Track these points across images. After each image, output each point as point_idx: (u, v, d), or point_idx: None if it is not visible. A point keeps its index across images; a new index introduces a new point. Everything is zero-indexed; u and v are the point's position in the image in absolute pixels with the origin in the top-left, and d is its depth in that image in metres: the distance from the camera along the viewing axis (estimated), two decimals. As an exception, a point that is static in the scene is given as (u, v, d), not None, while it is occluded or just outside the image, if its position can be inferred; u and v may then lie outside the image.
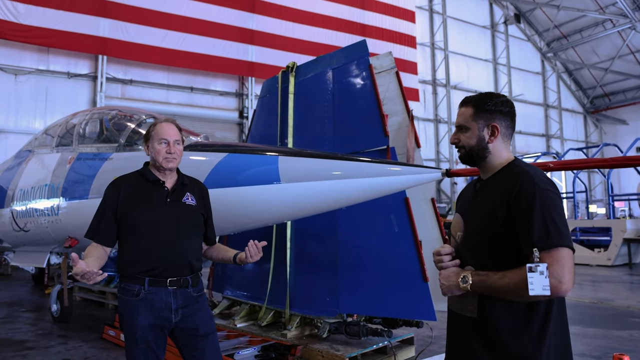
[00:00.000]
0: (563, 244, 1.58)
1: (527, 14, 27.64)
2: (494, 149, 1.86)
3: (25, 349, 5.15)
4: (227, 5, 16.49)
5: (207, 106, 16.60)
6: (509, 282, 1.60)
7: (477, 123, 1.86)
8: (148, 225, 2.44)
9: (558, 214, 1.63)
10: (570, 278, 1.57)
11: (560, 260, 1.56)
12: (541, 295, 1.52)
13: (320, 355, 4.09)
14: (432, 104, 23.23)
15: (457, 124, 1.93)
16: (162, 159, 2.51)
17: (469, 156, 1.91)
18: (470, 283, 1.70)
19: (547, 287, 1.52)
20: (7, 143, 13.09)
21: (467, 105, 1.90)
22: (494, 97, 1.89)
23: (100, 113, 5.30)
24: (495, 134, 1.85)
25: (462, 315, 1.82)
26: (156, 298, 2.41)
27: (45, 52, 14.03)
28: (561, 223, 1.62)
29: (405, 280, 3.93)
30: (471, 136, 1.87)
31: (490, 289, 1.66)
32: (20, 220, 5.62)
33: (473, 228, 1.83)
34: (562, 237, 1.59)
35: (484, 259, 1.74)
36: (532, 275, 1.52)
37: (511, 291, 1.61)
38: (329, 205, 3.34)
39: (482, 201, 1.82)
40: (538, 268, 1.53)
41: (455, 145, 1.93)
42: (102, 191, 4.18)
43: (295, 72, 4.90)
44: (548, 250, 1.57)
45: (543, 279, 1.52)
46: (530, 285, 1.52)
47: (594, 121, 30.81)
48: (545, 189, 1.66)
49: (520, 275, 1.57)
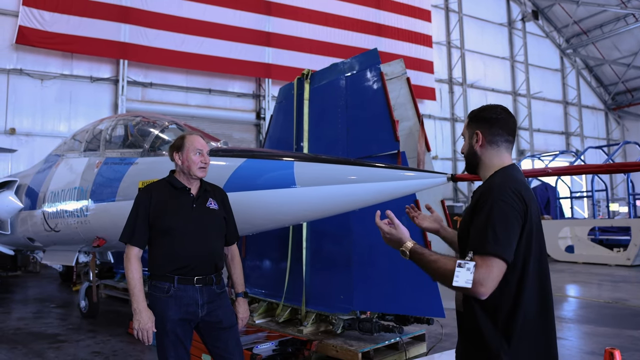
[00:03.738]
0: (495, 253, 1.69)
1: (545, 10, 27.28)
2: (483, 156, 1.98)
3: (58, 342, 5.48)
4: (243, 8, 16.74)
5: (224, 108, 16.87)
6: (440, 267, 1.75)
7: (468, 131, 2.03)
8: (178, 228, 2.68)
9: (502, 225, 1.72)
10: (492, 285, 1.68)
11: (488, 267, 1.68)
12: (462, 287, 1.67)
13: (335, 350, 4.28)
14: (449, 102, 23.15)
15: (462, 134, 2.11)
16: (197, 168, 2.77)
17: (467, 164, 2.07)
18: (407, 254, 1.90)
19: (470, 282, 1.65)
20: (34, 145, 13.55)
21: (467, 118, 2.09)
22: (485, 107, 2.03)
23: (126, 119, 5.56)
24: (479, 140, 1.97)
25: (458, 311, 1.99)
26: (184, 295, 2.66)
27: (69, 57, 14.47)
28: (502, 233, 1.71)
29: (416, 279, 4.09)
30: (465, 144, 2.05)
31: (423, 267, 1.83)
32: (51, 220, 5.92)
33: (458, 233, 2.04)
34: (497, 246, 1.69)
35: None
36: (459, 270, 1.68)
37: (439, 276, 1.76)
38: (340, 208, 3.53)
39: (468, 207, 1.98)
40: (466, 265, 1.68)
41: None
42: (128, 194, 4.49)
43: (310, 79, 5.10)
44: (481, 255, 1.70)
45: (468, 274, 1.66)
46: (456, 277, 1.67)
47: (615, 118, 30.26)
48: (500, 199, 1.76)
49: (451, 265, 1.71)
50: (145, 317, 2.58)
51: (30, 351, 5.15)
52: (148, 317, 2.59)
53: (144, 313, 2.58)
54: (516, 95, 25.44)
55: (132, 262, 2.66)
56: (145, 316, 2.58)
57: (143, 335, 2.57)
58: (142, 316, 2.57)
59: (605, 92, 29.96)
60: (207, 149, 2.85)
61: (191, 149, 2.77)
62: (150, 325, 2.57)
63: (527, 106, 25.33)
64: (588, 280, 10.79)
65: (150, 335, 2.58)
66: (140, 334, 2.57)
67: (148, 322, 2.57)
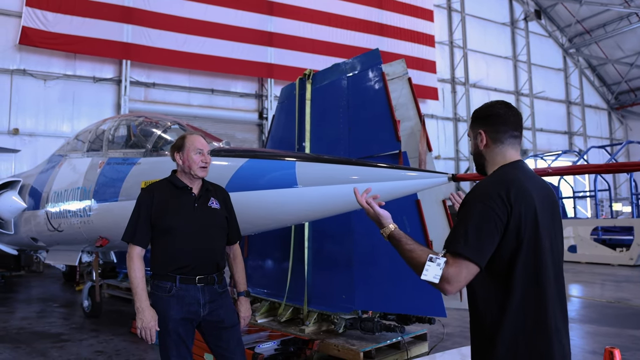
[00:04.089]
0: (464, 255, 1.67)
1: (548, 10, 27.23)
2: (487, 155, 1.94)
3: (62, 341, 5.51)
4: (245, 8, 16.77)
5: (227, 108, 16.91)
6: (413, 257, 1.75)
7: (472, 131, 1.99)
8: (179, 228, 2.70)
9: (474, 227, 1.69)
10: (458, 286, 1.68)
11: (457, 267, 1.67)
12: (430, 281, 1.67)
13: (337, 349, 4.29)
14: (451, 102, 23.15)
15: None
16: (198, 167, 2.78)
17: (475, 165, 2.03)
18: (386, 234, 1.88)
19: (438, 277, 1.66)
20: (37, 145, 13.62)
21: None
22: (486, 104, 1.99)
23: (128, 119, 5.58)
24: (483, 140, 1.92)
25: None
26: (186, 294, 2.68)
27: (72, 58, 14.53)
28: (472, 236, 1.68)
29: (417, 279, 4.07)
30: (471, 145, 2.01)
31: (400, 254, 1.82)
32: (54, 220, 5.95)
33: None
34: (467, 247, 1.67)
35: None
36: (429, 264, 1.68)
37: (412, 265, 1.76)
38: (342, 208, 3.54)
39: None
40: (437, 260, 1.68)
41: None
42: (131, 194, 4.51)
43: (311, 79, 5.11)
44: (453, 254, 1.69)
45: (438, 269, 1.67)
46: (425, 271, 1.68)
47: (619, 117, 30.18)
48: (476, 200, 1.74)
49: (424, 258, 1.71)
50: (148, 315, 2.60)
51: (34, 350, 5.18)
52: (151, 315, 2.61)
53: (147, 312, 2.60)
54: (519, 95, 25.39)
55: (135, 262, 2.68)
56: (148, 315, 2.60)
57: (146, 333, 2.59)
58: (145, 315, 2.59)
59: (608, 92, 29.88)
60: (208, 149, 2.86)
61: (192, 149, 2.79)
62: (153, 324, 2.59)
63: (530, 106, 25.28)
64: (591, 280, 10.77)
65: (153, 333, 2.60)
66: (144, 332, 2.59)
67: (151, 321, 2.59)
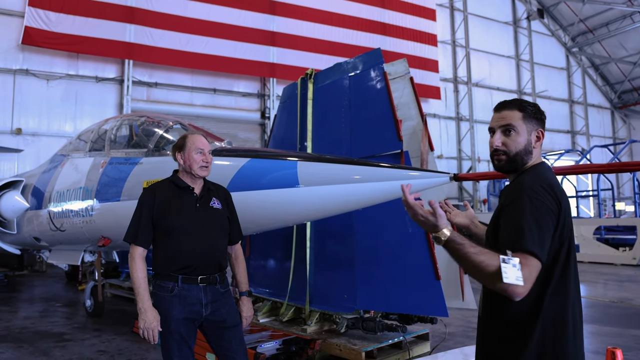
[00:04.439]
0: (532, 251, 1.59)
1: (550, 9, 27.15)
2: (535, 155, 1.86)
3: (64, 341, 5.52)
4: (248, 8, 16.78)
5: (229, 107, 16.92)
6: (483, 261, 1.58)
7: (526, 127, 1.83)
8: (181, 228, 2.70)
9: (536, 223, 1.62)
10: (529, 286, 1.57)
11: (528, 266, 1.57)
12: (514, 284, 1.52)
13: (338, 349, 4.29)
14: (454, 101, 23.09)
15: (503, 125, 1.85)
16: (199, 167, 2.78)
17: (511, 162, 1.84)
18: (443, 240, 1.65)
19: (521, 279, 1.52)
20: (40, 145, 13.64)
21: (512, 109, 1.86)
22: (532, 104, 1.92)
23: (130, 119, 5.59)
24: (540, 139, 1.86)
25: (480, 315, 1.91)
26: (188, 294, 2.68)
27: (75, 57, 14.55)
28: (535, 230, 1.61)
29: (419, 278, 4.10)
30: (521, 140, 1.82)
31: (460, 257, 1.63)
32: (57, 220, 5.97)
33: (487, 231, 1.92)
34: (534, 243, 1.59)
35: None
36: (506, 266, 1.53)
37: (480, 269, 1.59)
38: (343, 208, 3.54)
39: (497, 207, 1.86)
40: (510, 261, 1.55)
41: (496, 151, 1.85)
42: (133, 194, 4.52)
43: (313, 79, 5.10)
44: (519, 252, 1.58)
45: (516, 271, 1.53)
46: (505, 274, 1.52)
47: (622, 116, 30.10)
48: (529, 196, 1.67)
49: (496, 260, 1.56)
50: (151, 316, 2.60)
51: (36, 350, 5.19)
52: (153, 316, 2.61)
53: (149, 312, 2.60)
54: (521, 94, 25.33)
55: (137, 262, 2.68)
56: (150, 315, 2.60)
57: (149, 334, 2.59)
58: (147, 315, 2.59)
59: (612, 91, 29.80)
60: (209, 148, 2.86)
61: (193, 149, 2.78)
62: (155, 324, 2.59)
63: (533, 105, 25.21)
64: (594, 279, 10.74)
65: (155, 334, 2.60)
66: (146, 333, 2.59)
67: (153, 322, 2.59)
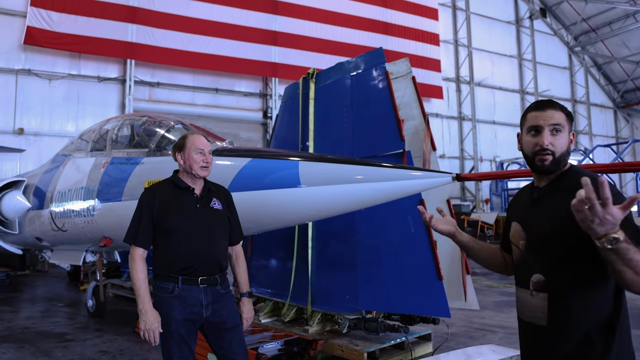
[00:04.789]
0: None
1: (553, 8, 27.09)
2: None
3: (66, 341, 5.51)
4: (250, 8, 16.78)
5: (231, 107, 16.93)
6: None
7: (568, 127, 1.76)
8: (182, 229, 2.68)
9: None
10: None
11: None
12: None
13: (340, 349, 4.27)
14: (456, 101, 23.07)
15: (553, 124, 1.73)
16: (199, 167, 2.75)
17: (556, 163, 1.74)
18: (622, 239, 1.41)
19: None
20: (42, 145, 13.66)
21: (556, 109, 1.76)
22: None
23: (132, 119, 5.57)
24: (572, 141, 1.81)
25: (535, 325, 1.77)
26: (189, 295, 2.65)
27: (77, 57, 14.57)
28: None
29: (421, 279, 4.08)
30: (565, 141, 1.75)
31: (630, 260, 1.45)
32: (58, 220, 5.96)
33: (542, 235, 1.74)
34: None
35: (553, 265, 1.70)
36: None
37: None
38: (346, 208, 3.52)
39: (552, 208, 1.72)
40: None
41: (543, 150, 1.73)
42: (134, 194, 4.50)
43: (315, 78, 5.09)
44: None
45: None
46: None
47: (624, 116, 30.02)
48: (619, 194, 1.62)
49: None
50: (151, 317, 2.58)
51: (38, 350, 5.19)
52: (154, 317, 2.59)
53: (150, 313, 2.59)
54: (524, 94, 25.28)
55: (137, 263, 2.66)
56: (151, 317, 2.58)
57: (149, 335, 2.58)
58: (148, 317, 2.58)
59: (614, 90, 29.72)
60: (209, 148, 2.83)
61: (192, 149, 2.76)
62: (156, 325, 2.58)
63: (535, 104, 25.15)
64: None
65: (156, 335, 2.59)
66: (147, 334, 2.58)
67: (154, 323, 2.58)
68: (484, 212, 21.01)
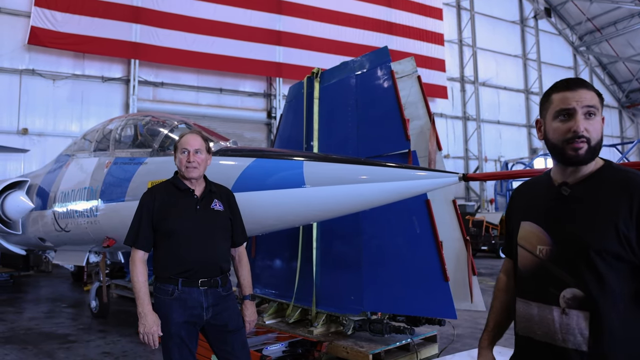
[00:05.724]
0: None
1: (558, 8, 26.99)
2: None
3: (69, 342, 5.49)
4: (254, 7, 16.77)
5: (235, 107, 16.92)
6: None
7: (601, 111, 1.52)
8: (182, 231, 2.63)
9: None
10: None
11: None
12: None
13: (345, 351, 4.23)
14: (461, 101, 23.01)
15: (588, 105, 1.48)
16: (184, 168, 2.69)
17: (591, 152, 1.49)
18: None
19: None
20: (46, 145, 13.69)
21: (589, 89, 1.51)
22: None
23: (135, 119, 5.55)
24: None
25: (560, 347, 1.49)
26: (189, 297, 2.61)
27: (81, 57, 14.59)
28: None
29: (427, 280, 4.03)
30: (600, 126, 1.51)
31: None
32: (61, 220, 5.94)
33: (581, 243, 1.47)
34: None
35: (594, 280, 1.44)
36: None
37: None
38: (350, 208, 3.47)
39: (597, 211, 1.47)
40: None
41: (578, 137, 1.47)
42: (137, 194, 4.46)
43: (319, 77, 5.04)
44: None
45: None
46: None
47: (629, 116, 29.89)
48: None
49: None
50: (151, 320, 2.55)
51: (41, 351, 5.16)
52: (153, 320, 2.55)
53: (149, 317, 2.55)
54: (528, 94, 25.19)
55: (138, 266, 2.62)
56: (150, 320, 2.55)
57: (149, 339, 2.55)
58: (147, 320, 2.54)
59: (619, 90, 29.58)
60: (198, 147, 2.71)
61: (179, 149, 2.71)
62: (155, 328, 2.54)
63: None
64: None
65: (156, 338, 2.55)
66: (146, 337, 2.55)
67: (153, 326, 2.54)
68: (489, 212, 20.92)
